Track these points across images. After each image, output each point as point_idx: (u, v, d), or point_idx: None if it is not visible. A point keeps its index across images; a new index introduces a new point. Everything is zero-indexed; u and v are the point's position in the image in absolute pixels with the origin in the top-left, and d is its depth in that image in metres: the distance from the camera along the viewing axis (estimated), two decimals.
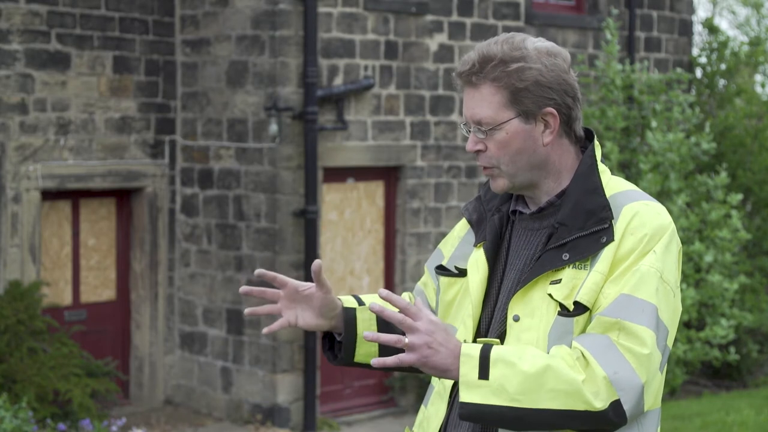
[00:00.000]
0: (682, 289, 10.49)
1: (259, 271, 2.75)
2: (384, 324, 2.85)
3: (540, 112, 2.65)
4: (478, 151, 2.69)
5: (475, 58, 2.66)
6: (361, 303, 2.87)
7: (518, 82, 2.63)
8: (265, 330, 2.78)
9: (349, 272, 10.55)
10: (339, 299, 2.84)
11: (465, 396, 2.50)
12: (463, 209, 2.90)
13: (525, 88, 2.63)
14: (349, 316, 2.82)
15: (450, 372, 2.52)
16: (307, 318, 2.79)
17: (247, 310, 2.79)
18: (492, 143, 2.66)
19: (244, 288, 2.78)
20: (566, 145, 2.72)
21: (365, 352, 2.83)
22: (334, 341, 2.90)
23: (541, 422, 2.49)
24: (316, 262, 2.73)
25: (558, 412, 2.48)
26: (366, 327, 2.82)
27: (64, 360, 9.26)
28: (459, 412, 2.52)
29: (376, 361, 2.51)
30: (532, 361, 2.49)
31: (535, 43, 2.67)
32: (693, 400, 11.02)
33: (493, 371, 2.49)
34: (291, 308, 2.79)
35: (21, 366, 9.07)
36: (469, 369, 2.50)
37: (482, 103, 2.65)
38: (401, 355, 2.49)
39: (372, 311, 2.50)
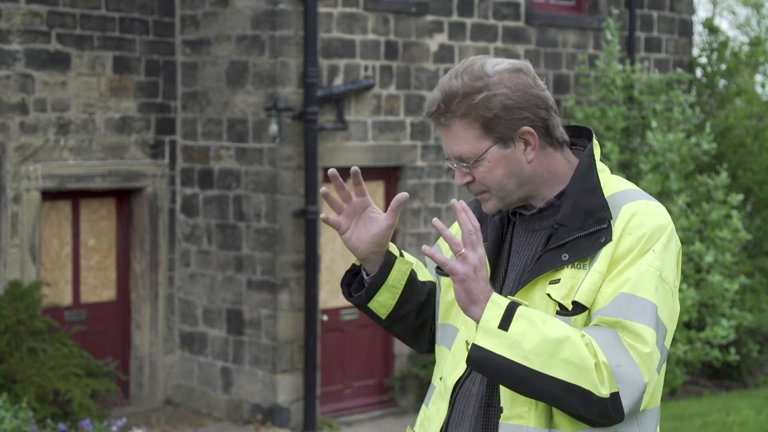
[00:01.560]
0: (682, 290, 10.48)
1: (332, 171, 2.79)
2: (410, 289, 2.88)
3: (516, 133, 2.65)
4: (467, 183, 2.72)
5: (438, 98, 2.67)
6: (402, 257, 2.91)
7: (486, 112, 2.63)
8: (322, 215, 2.82)
9: None
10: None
11: (480, 340, 2.51)
12: None
13: (494, 116, 2.63)
14: (390, 260, 2.85)
15: (476, 308, 2.54)
16: (358, 236, 2.82)
17: (322, 216, 2.83)
18: (477, 173, 2.69)
19: (332, 171, 2.81)
20: (551, 154, 2.72)
21: (383, 301, 2.86)
22: (353, 280, 2.93)
23: (543, 389, 2.50)
24: (403, 194, 2.77)
25: (563, 384, 2.48)
26: (400, 279, 2.85)
27: (64, 360, 9.25)
28: (469, 354, 2.53)
29: (427, 249, 2.56)
30: (555, 328, 2.50)
31: (495, 66, 2.66)
32: (693, 400, 11.02)
33: (514, 325, 2.51)
34: (351, 218, 2.83)
35: (21, 366, 9.07)
36: (492, 315, 2.51)
37: (457, 140, 2.68)
38: (452, 263, 2.53)
39: (435, 226, 2.56)
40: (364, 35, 10.30)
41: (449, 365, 2.75)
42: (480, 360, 2.52)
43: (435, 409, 2.77)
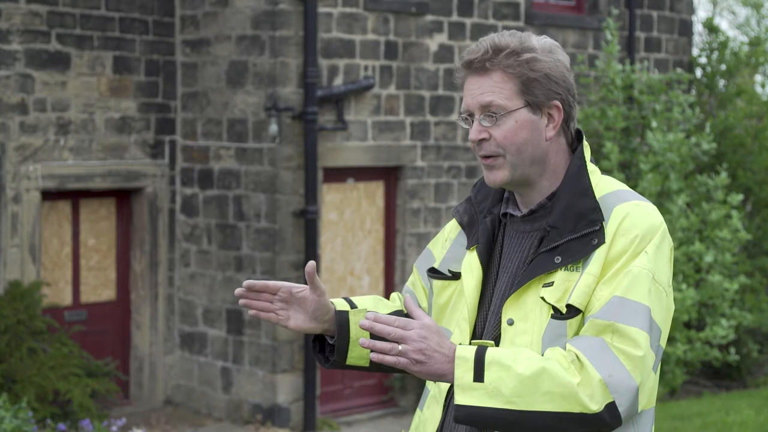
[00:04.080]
0: (682, 290, 10.48)
1: (247, 282, 2.74)
2: None
3: (547, 104, 2.65)
4: (481, 141, 2.66)
5: (487, 46, 2.65)
6: (353, 306, 2.86)
7: (530, 72, 2.63)
8: (251, 312, 2.78)
9: (349, 272, 10.55)
10: (332, 302, 2.83)
11: (460, 398, 2.50)
12: (454, 211, 2.89)
13: (536, 78, 2.63)
14: (342, 319, 2.81)
15: (445, 376, 2.52)
16: (299, 320, 2.79)
17: (251, 312, 2.79)
18: (499, 131, 2.64)
19: (241, 298, 2.77)
20: (562, 145, 2.72)
21: (358, 354, 2.82)
22: (324, 344, 2.90)
23: (536, 424, 2.49)
24: (310, 263, 2.72)
25: (553, 414, 2.47)
26: (358, 330, 2.80)
27: (64, 360, 9.26)
28: (454, 414, 2.53)
29: (375, 356, 2.50)
30: (527, 364, 2.49)
31: (540, 40, 2.69)
32: (693, 400, 11.01)
33: (488, 374, 2.49)
34: (284, 309, 2.79)
35: (21, 366, 9.07)
36: (464, 371, 2.50)
37: (493, 89, 2.64)
38: (399, 359, 2.50)
39: (362, 328, 2.50)
40: (364, 35, 10.30)
41: None
42: (467, 417, 2.51)
43: (430, 413, 2.77)
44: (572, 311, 2.57)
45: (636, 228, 2.60)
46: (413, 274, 2.98)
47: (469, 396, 2.49)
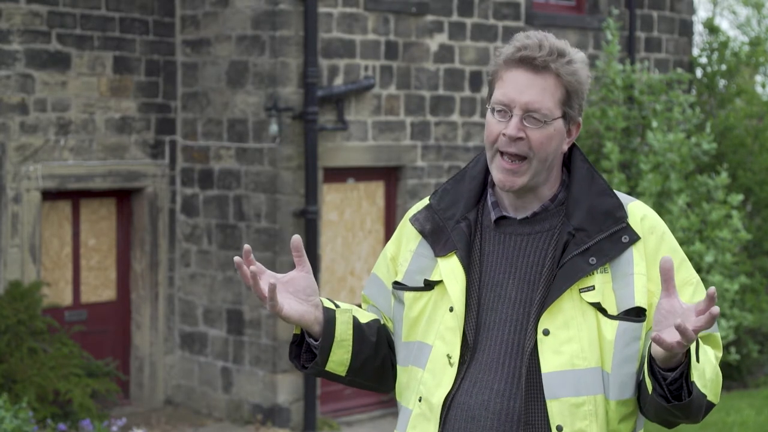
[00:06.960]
0: None
1: (237, 258, 2.57)
2: (359, 336, 2.71)
3: (575, 120, 2.59)
4: (517, 139, 2.53)
5: (549, 46, 2.53)
6: (336, 306, 2.73)
7: (575, 84, 2.55)
8: (270, 305, 2.60)
9: (349, 272, 10.55)
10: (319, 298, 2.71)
11: (693, 374, 2.41)
12: (413, 219, 2.77)
13: (576, 91, 2.56)
14: (329, 315, 2.67)
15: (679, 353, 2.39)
16: (292, 304, 2.62)
17: (249, 281, 2.63)
18: (537, 135, 2.53)
19: (240, 266, 2.60)
20: (564, 156, 2.67)
21: (338, 359, 2.68)
22: (300, 352, 2.74)
23: (698, 412, 2.46)
24: (296, 236, 2.59)
25: (709, 405, 2.48)
26: (346, 330, 2.68)
27: (64, 360, 9.26)
28: (691, 397, 2.41)
29: (656, 336, 2.32)
30: (710, 355, 2.49)
31: (577, 50, 2.62)
32: None
33: (701, 355, 2.44)
34: (274, 298, 2.62)
35: (21, 366, 9.07)
36: (694, 348, 2.41)
37: (545, 93, 2.53)
38: (672, 337, 2.34)
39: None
40: (364, 35, 10.30)
41: (429, 383, 2.60)
42: (695, 396, 2.42)
43: None
44: (642, 313, 2.51)
45: (658, 225, 2.59)
46: (363, 304, 2.86)
47: (695, 372, 2.41)
